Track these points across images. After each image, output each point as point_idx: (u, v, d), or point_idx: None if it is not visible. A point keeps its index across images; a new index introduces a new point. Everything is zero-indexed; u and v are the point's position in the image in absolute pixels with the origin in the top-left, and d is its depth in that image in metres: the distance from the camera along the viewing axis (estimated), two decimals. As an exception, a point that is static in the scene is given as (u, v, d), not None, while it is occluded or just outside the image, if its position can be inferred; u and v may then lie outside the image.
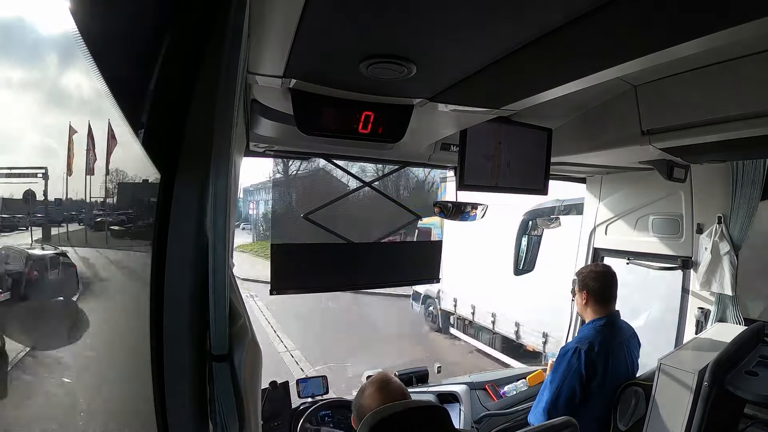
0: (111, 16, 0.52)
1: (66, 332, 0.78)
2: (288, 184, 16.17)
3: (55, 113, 0.69)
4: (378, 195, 2.29)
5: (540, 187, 1.73)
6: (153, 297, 0.61)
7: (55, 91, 0.65)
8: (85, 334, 0.79)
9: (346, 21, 0.70)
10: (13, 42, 0.55)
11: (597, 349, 1.71)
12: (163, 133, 0.63)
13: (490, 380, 2.66)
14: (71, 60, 0.59)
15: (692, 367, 1.51)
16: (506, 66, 0.85)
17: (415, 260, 2.24)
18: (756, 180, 1.97)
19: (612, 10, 0.62)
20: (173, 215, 0.61)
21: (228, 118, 0.56)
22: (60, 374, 0.76)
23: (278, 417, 2.17)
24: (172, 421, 0.62)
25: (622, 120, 1.52)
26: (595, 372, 1.71)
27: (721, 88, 1.23)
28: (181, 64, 0.62)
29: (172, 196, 0.61)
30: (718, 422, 1.53)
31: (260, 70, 0.93)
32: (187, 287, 0.61)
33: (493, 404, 2.47)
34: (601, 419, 1.82)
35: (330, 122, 1.10)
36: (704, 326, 2.15)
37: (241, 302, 0.79)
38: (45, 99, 0.66)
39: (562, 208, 3.17)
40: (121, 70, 0.56)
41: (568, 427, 1.26)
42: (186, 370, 0.62)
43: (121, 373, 0.80)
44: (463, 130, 1.49)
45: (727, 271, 2.03)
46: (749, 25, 0.63)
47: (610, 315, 1.83)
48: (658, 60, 0.79)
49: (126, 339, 0.80)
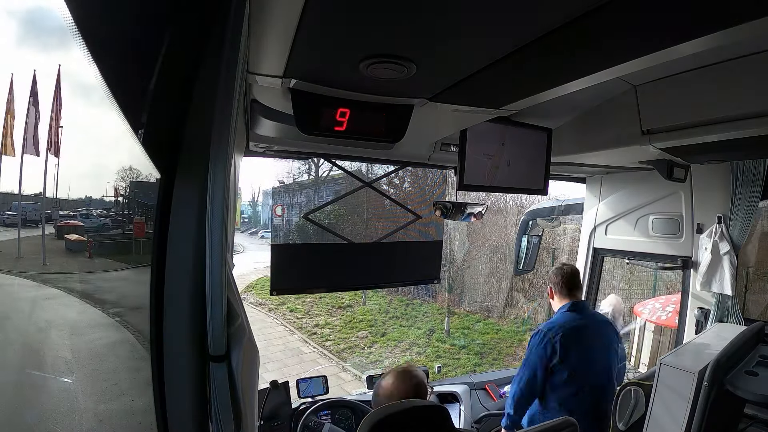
0: (111, 16, 0.52)
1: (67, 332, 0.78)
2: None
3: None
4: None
5: (540, 187, 1.73)
6: (153, 296, 0.61)
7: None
8: (86, 334, 0.80)
9: (346, 21, 0.70)
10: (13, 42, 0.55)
11: (559, 330, 1.84)
12: (163, 133, 0.63)
13: (490, 380, 2.66)
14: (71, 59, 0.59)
15: (692, 367, 1.51)
16: (506, 66, 0.85)
17: (415, 260, 2.24)
18: (756, 180, 1.96)
19: (612, 10, 0.62)
20: (173, 215, 0.61)
21: (228, 118, 0.56)
22: (60, 374, 0.76)
23: (278, 417, 2.17)
24: (173, 421, 0.62)
25: (622, 120, 1.52)
26: (555, 351, 1.82)
27: (721, 88, 1.22)
28: (181, 64, 0.62)
29: (172, 195, 0.61)
30: (718, 422, 1.52)
31: (260, 70, 0.93)
32: (187, 287, 0.61)
33: (493, 404, 2.48)
34: (591, 414, 1.84)
35: (330, 122, 1.10)
36: (704, 326, 2.15)
37: (239, 302, 0.79)
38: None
39: (562, 208, 3.16)
40: (121, 70, 0.56)
41: (567, 427, 1.26)
42: (186, 370, 0.62)
43: (122, 373, 0.80)
44: (463, 130, 1.49)
45: (727, 271, 2.03)
46: (749, 25, 0.63)
47: (574, 302, 1.97)
48: (658, 60, 0.79)
49: (126, 338, 0.80)
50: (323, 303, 10.72)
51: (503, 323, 9.34)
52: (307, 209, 15.67)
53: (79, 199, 3.60)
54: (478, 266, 10.05)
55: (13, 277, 2.71)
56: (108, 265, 3.46)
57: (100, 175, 3.66)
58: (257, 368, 0.84)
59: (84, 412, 1.49)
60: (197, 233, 0.61)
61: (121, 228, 3.60)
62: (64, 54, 3.04)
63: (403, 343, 9.05)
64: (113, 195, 3.70)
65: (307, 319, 10.29)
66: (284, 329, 9.78)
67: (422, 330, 9.50)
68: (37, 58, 4.45)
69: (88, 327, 2.56)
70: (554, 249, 8.91)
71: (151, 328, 0.61)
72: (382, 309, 10.46)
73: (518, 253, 3.21)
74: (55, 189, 3.16)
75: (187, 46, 0.62)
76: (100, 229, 3.38)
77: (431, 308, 10.26)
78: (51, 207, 3.16)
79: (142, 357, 0.61)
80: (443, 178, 2.57)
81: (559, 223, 3.43)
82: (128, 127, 0.61)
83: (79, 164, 3.52)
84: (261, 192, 24.69)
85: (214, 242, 0.57)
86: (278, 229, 12.05)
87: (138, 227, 3.53)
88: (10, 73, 3.34)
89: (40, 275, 2.88)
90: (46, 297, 2.64)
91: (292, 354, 8.59)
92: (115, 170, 3.81)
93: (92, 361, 2.33)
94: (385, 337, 9.36)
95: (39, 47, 3.60)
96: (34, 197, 3.24)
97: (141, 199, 3.59)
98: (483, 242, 10.13)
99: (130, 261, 3.11)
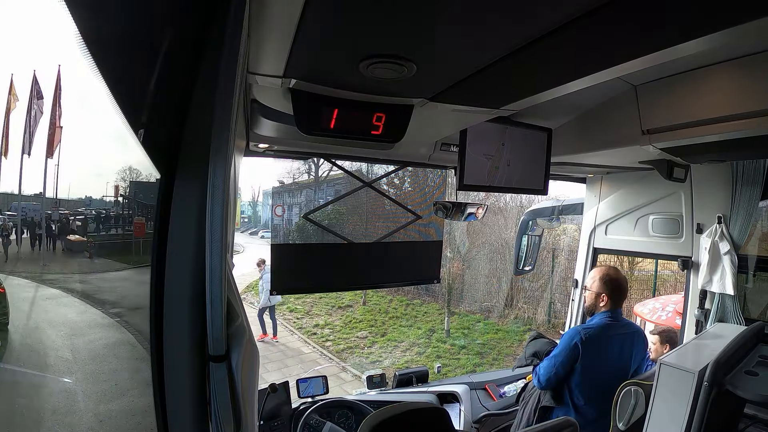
0: (111, 16, 0.52)
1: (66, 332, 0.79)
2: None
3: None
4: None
5: (540, 187, 1.73)
6: (153, 296, 0.61)
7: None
8: (86, 335, 0.80)
9: (345, 21, 0.70)
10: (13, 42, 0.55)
11: (593, 333, 1.92)
12: (163, 133, 0.63)
13: (490, 380, 2.66)
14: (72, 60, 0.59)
15: (692, 367, 1.51)
16: (506, 66, 0.85)
17: (415, 260, 2.24)
18: (756, 180, 1.96)
19: (612, 10, 0.62)
20: (173, 215, 0.61)
21: (228, 118, 0.56)
22: (60, 374, 0.76)
23: (278, 417, 2.17)
24: (172, 421, 0.62)
25: (622, 120, 1.52)
26: (585, 354, 1.89)
27: (720, 88, 1.23)
28: (181, 64, 0.62)
29: (172, 195, 0.61)
30: (718, 422, 1.52)
31: (260, 70, 0.93)
32: (187, 287, 0.61)
33: (493, 404, 2.48)
34: (597, 421, 1.85)
35: (330, 122, 1.10)
36: (704, 326, 2.15)
37: (239, 302, 0.79)
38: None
39: (562, 208, 3.17)
40: (121, 70, 0.56)
41: (567, 427, 1.26)
42: (186, 371, 0.62)
43: (122, 373, 0.80)
44: (463, 130, 1.49)
45: (728, 270, 2.03)
46: (749, 25, 0.63)
47: (614, 311, 2.01)
48: (658, 60, 0.79)
49: (126, 339, 0.80)
50: (323, 303, 10.72)
51: (503, 323, 9.34)
52: (307, 209, 15.36)
53: (79, 199, 3.61)
54: (478, 266, 10.05)
55: (13, 276, 2.71)
56: (108, 265, 3.46)
57: (100, 174, 3.66)
58: (257, 368, 0.84)
59: (84, 413, 1.49)
60: (197, 233, 0.61)
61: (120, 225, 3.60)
62: (64, 54, 3.04)
63: (403, 343, 9.05)
64: (113, 195, 3.70)
65: (307, 319, 10.28)
66: (284, 329, 9.77)
67: (422, 330, 9.50)
68: (36, 58, 4.44)
69: (88, 327, 2.56)
70: (554, 249, 8.91)
71: (151, 329, 0.61)
72: (382, 309, 10.45)
73: (518, 253, 3.22)
74: (55, 189, 3.16)
75: (187, 46, 0.62)
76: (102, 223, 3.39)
77: (431, 308, 10.26)
78: (51, 207, 3.16)
79: (141, 357, 0.62)
80: (443, 178, 2.58)
81: (559, 223, 3.43)
82: (128, 127, 0.61)
83: (79, 164, 3.51)
84: (261, 192, 24.64)
85: (214, 242, 0.57)
86: (278, 229, 12.03)
87: (138, 227, 3.54)
88: (10, 73, 3.34)
89: (40, 275, 2.88)
90: (46, 297, 2.64)
91: (292, 354, 8.59)
92: (115, 170, 3.81)
93: (92, 361, 2.33)
94: (385, 337, 9.35)
95: (39, 47, 3.58)
96: (34, 197, 3.25)
97: (141, 199, 3.59)
98: (483, 242, 10.13)
99: (130, 261, 3.11)
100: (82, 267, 3.31)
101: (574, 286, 2.82)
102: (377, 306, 10.57)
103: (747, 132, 1.25)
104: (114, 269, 3.27)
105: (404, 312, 10.30)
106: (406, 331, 9.54)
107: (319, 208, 2.09)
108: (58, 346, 2.26)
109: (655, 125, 1.45)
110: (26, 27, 2.29)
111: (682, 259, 2.24)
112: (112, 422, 1.55)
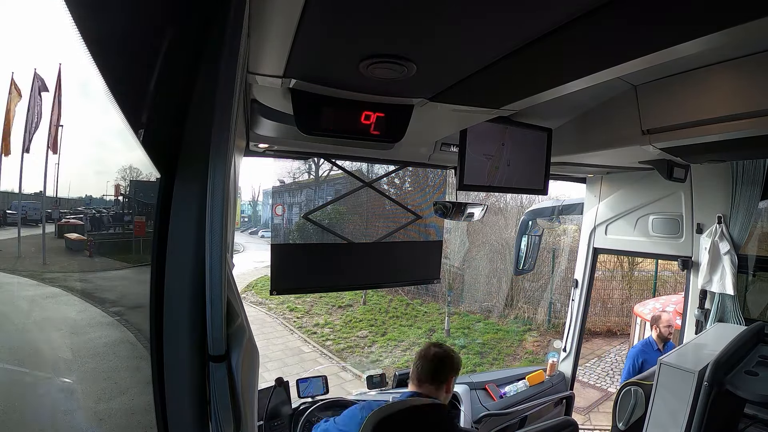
0: (111, 16, 0.52)
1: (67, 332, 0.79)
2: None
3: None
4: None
5: (540, 187, 1.73)
6: (153, 296, 0.61)
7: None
8: (85, 333, 0.80)
9: (346, 21, 0.70)
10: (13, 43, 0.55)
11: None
12: (163, 133, 0.63)
13: (490, 380, 2.66)
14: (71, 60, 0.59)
15: (692, 367, 1.51)
16: (506, 66, 0.85)
17: (415, 260, 2.24)
18: (756, 180, 1.97)
19: (612, 9, 0.62)
20: (173, 215, 0.61)
21: (228, 118, 0.56)
22: (60, 375, 0.76)
23: (278, 417, 2.17)
24: (172, 421, 0.62)
25: (622, 120, 1.52)
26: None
27: (721, 88, 1.22)
28: (181, 64, 0.62)
29: (172, 195, 0.61)
30: (718, 422, 1.52)
31: (260, 70, 0.93)
32: (187, 287, 0.61)
33: (493, 404, 2.48)
34: None
35: (330, 122, 1.10)
36: (704, 326, 2.15)
37: (239, 302, 0.79)
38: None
39: (562, 208, 3.17)
40: (121, 70, 0.56)
41: (567, 427, 1.26)
42: (186, 370, 0.62)
43: (122, 372, 0.80)
44: (463, 130, 1.49)
45: (728, 270, 2.03)
46: (749, 25, 0.63)
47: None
48: (658, 60, 0.79)
49: (126, 337, 0.80)
50: (323, 302, 10.72)
51: (503, 323, 9.34)
52: (307, 209, 15.47)
53: (79, 198, 3.61)
54: (478, 266, 10.05)
55: (13, 275, 2.71)
56: (108, 264, 3.47)
57: (101, 173, 3.66)
58: (257, 368, 0.84)
59: (84, 411, 1.49)
60: (197, 233, 0.61)
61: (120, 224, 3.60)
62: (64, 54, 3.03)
63: (403, 343, 9.05)
64: (113, 194, 3.70)
65: (307, 319, 10.29)
66: (284, 329, 9.77)
67: (422, 330, 9.50)
68: (37, 58, 4.44)
69: (88, 326, 2.56)
70: (554, 249, 8.91)
71: (150, 328, 0.61)
72: (382, 308, 10.46)
73: (518, 253, 3.22)
74: (55, 188, 3.16)
75: (187, 46, 0.62)
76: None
77: (431, 308, 10.26)
78: (51, 206, 3.16)
79: (141, 356, 0.62)
80: (443, 178, 2.57)
81: (559, 223, 3.43)
82: (128, 126, 0.61)
83: (78, 164, 3.51)
84: (261, 191, 24.64)
85: (214, 242, 0.57)
86: (278, 228, 12.26)
87: (138, 227, 3.54)
88: (11, 73, 3.34)
89: (41, 274, 2.88)
90: (46, 296, 2.64)
91: (292, 353, 8.59)
92: (115, 170, 3.81)
93: (92, 360, 2.34)
94: (385, 336, 9.35)
95: (39, 47, 3.58)
96: (34, 196, 3.25)
97: (141, 198, 3.60)
98: (483, 242, 10.13)
99: (130, 260, 3.11)
100: (82, 265, 3.31)
101: (574, 286, 2.82)
102: (377, 305, 10.57)
103: (747, 132, 1.25)
104: (114, 268, 3.27)
105: (404, 311, 10.30)
106: (406, 331, 9.54)
107: (319, 208, 2.09)
108: (57, 345, 2.26)
109: (655, 125, 1.45)
110: (26, 27, 2.29)
111: (682, 259, 2.24)
112: (112, 421, 1.55)
